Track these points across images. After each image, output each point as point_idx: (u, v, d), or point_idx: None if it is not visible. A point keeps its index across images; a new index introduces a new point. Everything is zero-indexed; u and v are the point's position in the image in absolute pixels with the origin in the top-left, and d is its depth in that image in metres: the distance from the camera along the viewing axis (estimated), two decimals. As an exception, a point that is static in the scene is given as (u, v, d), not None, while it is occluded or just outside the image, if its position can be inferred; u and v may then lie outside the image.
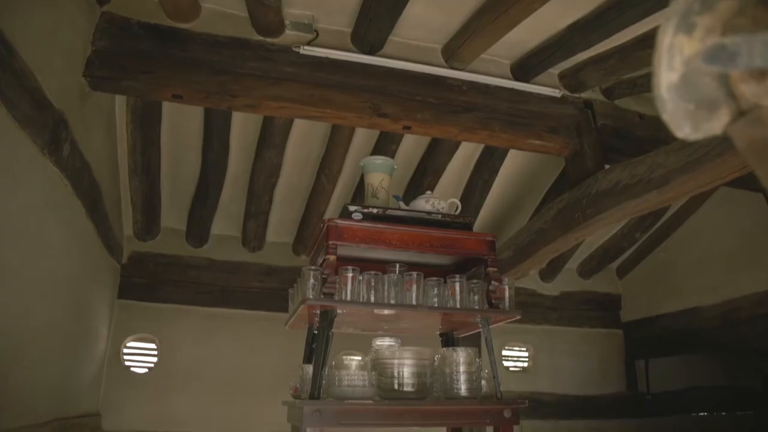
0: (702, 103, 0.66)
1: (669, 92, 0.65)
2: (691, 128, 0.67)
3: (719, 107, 0.67)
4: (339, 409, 2.06)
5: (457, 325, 2.63)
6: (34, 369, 2.99)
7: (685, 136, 0.68)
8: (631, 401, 5.46)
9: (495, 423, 2.26)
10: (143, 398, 4.18)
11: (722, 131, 0.68)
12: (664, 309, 5.31)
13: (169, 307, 4.43)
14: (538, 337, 5.30)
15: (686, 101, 0.66)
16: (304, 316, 2.38)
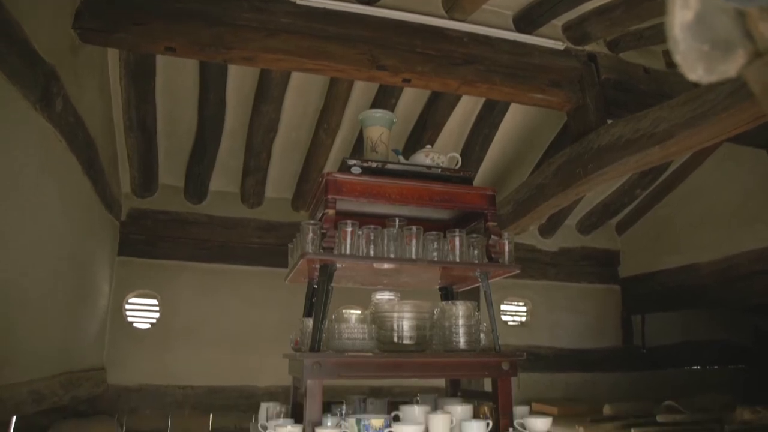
0: (717, 44, 0.63)
1: (683, 32, 0.62)
2: (704, 70, 0.64)
3: (735, 48, 0.64)
4: (339, 361, 2.09)
5: (456, 279, 2.64)
6: (38, 324, 3.03)
7: (699, 79, 0.65)
8: (627, 355, 5.56)
9: (493, 375, 2.30)
10: (146, 352, 4.25)
11: (737, 74, 0.65)
12: (662, 265, 5.35)
13: (170, 264, 4.46)
14: (536, 293, 5.36)
15: (701, 42, 0.62)
16: (304, 271, 2.38)
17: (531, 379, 4.81)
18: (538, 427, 2.25)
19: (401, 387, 4.29)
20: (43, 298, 3.03)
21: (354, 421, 2.05)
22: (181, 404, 4.19)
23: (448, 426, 2.11)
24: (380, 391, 3.27)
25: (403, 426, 2.05)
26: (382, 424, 2.05)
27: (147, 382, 4.18)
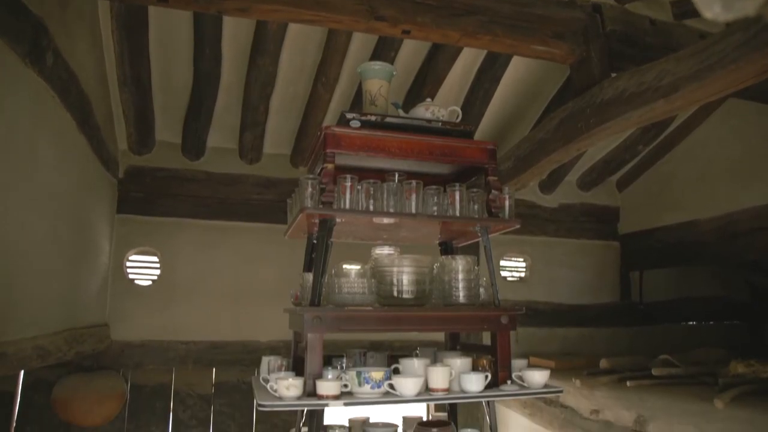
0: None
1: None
2: (722, 7, 0.61)
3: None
4: (339, 315, 2.10)
5: (456, 234, 2.63)
6: (40, 281, 3.04)
7: (715, 17, 0.62)
8: (624, 310, 5.62)
9: (492, 329, 2.32)
10: (148, 309, 4.29)
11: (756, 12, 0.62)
12: (661, 222, 5.35)
13: (169, 221, 4.45)
14: (535, 249, 5.37)
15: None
16: (303, 226, 2.37)
17: (529, 334, 4.88)
18: (536, 379, 2.29)
19: (401, 341, 4.36)
20: (43, 255, 3.03)
21: (354, 374, 2.07)
22: (184, 359, 4.25)
23: (447, 378, 2.14)
24: (380, 345, 3.32)
25: (403, 378, 2.08)
26: (382, 376, 2.08)
27: (150, 338, 4.23)
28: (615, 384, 3.78)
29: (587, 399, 3.56)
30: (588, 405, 3.52)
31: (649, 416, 3.13)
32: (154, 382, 4.25)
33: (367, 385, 2.06)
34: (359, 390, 2.07)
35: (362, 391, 2.06)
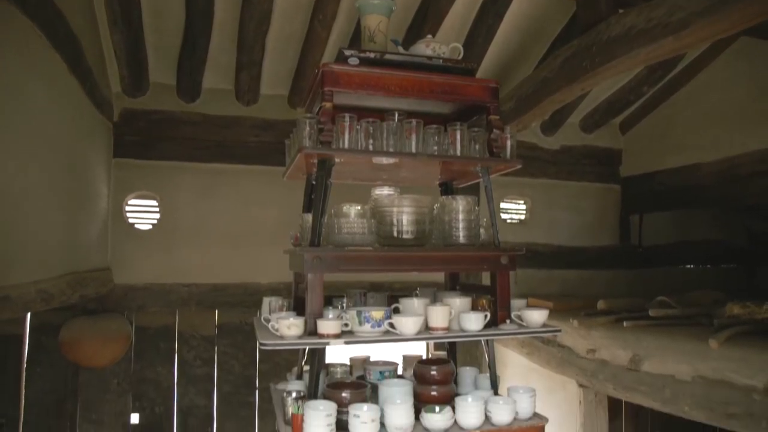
0: None
1: None
2: None
3: None
4: (339, 255, 2.10)
5: (456, 174, 2.60)
6: (39, 226, 3.04)
7: None
8: (623, 253, 5.65)
9: (492, 269, 2.32)
10: (149, 253, 4.30)
11: None
12: (663, 165, 5.31)
13: (167, 164, 4.40)
14: (536, 191, 5.35)
15: None
16: (302, 166, 2.34)
17: (528, 276, 4.92)
18: (534, 319, 2.31)
19: (401, 282, 4.40)
20: (40, 200, 3.02)
21: (355, 313, 2.09)
22: (186, 301, 4.31)
23: (447, 317, 2.16)
24: (380, 286, 3.34)
25: (403, 317, 2.09)
26: (382, 315, 2.10)
27: (152, 281, 4.27)
28: (612, 325, 3.83)
29: (584, 339, 3.62)
30: (585, 345, 3.58)
31: (644, 355, 3.20)
32: (158, 324, 4.32)
33: (368, 324, 2.08)
34: (360, 329, 2.09)
35: (362, 330, 2.08)
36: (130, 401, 4.23)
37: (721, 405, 2.69)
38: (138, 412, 4.25)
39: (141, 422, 4.26)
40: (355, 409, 1.98)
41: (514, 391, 2.26)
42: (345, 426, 2.00)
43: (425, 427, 2.07)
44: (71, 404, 4.09)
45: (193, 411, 4.36)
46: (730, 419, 2.66)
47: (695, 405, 2.83)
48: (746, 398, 2.57)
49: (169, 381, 4.32)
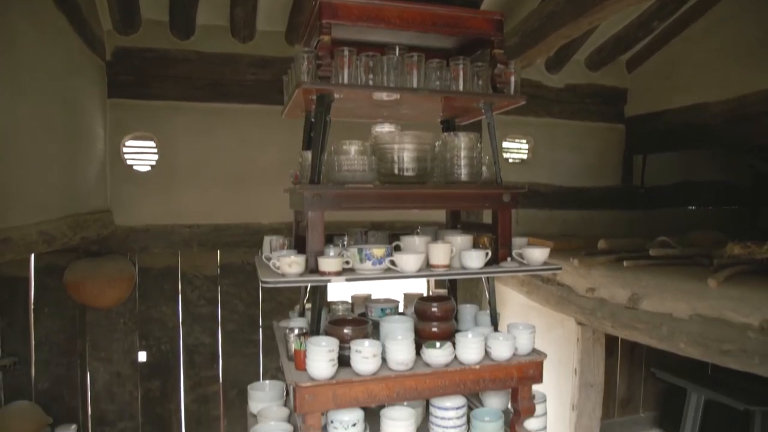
0: None
1: None
2: None
3: None
4: (339, 193, 2.07)
5: (459, 110, 2.54)
6: (36, 168, 3.02)
7: None
8: (625, 194, 5.63)
9: (494, 207, 2.30)
10: (149, 194, 4.28)
11: None
12: (670, 104, 5.20)
13: (162, 104, 4.31)
14: (538, 130, 5.26)
15: None
16: (300, 102, 2.28)
17: (529, 216, 4.92)
18: (535, 257, 2.31)
19: (402, 222, 4.40)
20: (36, 142, 2.98)
21: (356, 251, 2.09)
22: (188, 242, 4.32)
23: (448, 255, 2.16)
24: (381, 226, 3.33)
25: (404, 255, 2.09)
26: (384, 253, 2.09)
27: (153, 223, 4.27)
28: (612, 264, 3.86)
29: (584, 278, 3.65)
30: (584, 283, 3.61)
31: (642, 294, 3.22)
32: (161, 264, 4.35)
33: (369, 261, 2.08)
34: (361, 266, 2.09)
35: (364, 268, 2.09)
36: (137, 340, 4.33)
37: (716, 342, 2.73)
38: (145, 350, 4.35)
39: (148, 360, 4.36)
40: (356, 344, 2.01)
41: (513, 328, 2.29)
42: (347, 361, 2.04)
43: (426, 362, 2.11)
44: (80, 343, 4.18)
45: (198, 349, 4.46)
46: (724, 356, 2.71)
47: (691, 342, 2.87)
48: (741, 336, 2.60)
49: (174, 320, 4.39)
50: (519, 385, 2.22)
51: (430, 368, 2.08)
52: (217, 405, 4.55)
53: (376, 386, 2.01)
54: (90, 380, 4.26)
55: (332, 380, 1.96)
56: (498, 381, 2.17)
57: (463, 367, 2.11)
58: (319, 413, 1.97)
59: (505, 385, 2.20)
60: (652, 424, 5.24)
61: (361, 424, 2.08)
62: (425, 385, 2.07)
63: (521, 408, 2.25)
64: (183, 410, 4.51)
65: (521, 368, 2.20)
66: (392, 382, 2.02)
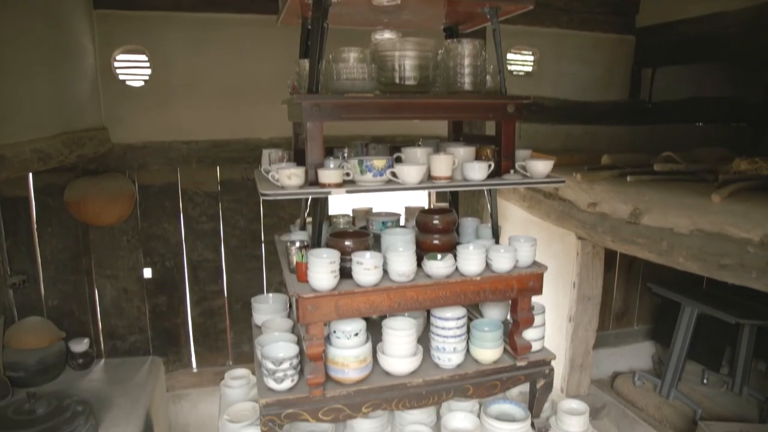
0: None
1: None
2: None
3: None
4: (338, 102, 2.01)
5: (462, 16, 2.42)
6: (23, 84, 2.93)
7: None
8: (632, 109, 5.49)
9: (497, 118, 2.24)
10: (145, 110, 4.17)
11: None
12: (685, 14, 4.94)
13: (152, 15, 4.09)
14: (545, 41, 5.04)
15: None
16: (296, 8, 2.17)
17: (532, 130, 4.82)
18: (539, 169, 2.27)
19: (403, 136, 4.32)
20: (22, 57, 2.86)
21: (356, 162, 2.05)
22: (187, 159, 4.26)
23: (450, 166, 2.12)
24: (382, 140, 3.25)
25: (405, 166, 2.05)
26: (384, 164, 2.05)
27: (150, 139, 4.19)
28: (615, 179, 3.82)
29: (586, 192, 3.62)
30: (586, 198, 3.60)
31: (644, 209, 3.21)
32: (161, 182, 4.31)
33: (369, 173, 2.05)
34: (361, 178, 2.06)
35: (364, 180, 2.06)
36: (141, 257, 4.37)
37: (715, 257, 2.74)
38: (150, 267, 4.41)
39: (154, 276, 4.43)
40: (357, 256, 2.02)
41: (515, 240, 2.29)
42: (348, 273, 2.05)
43: (427, 274, 2.12)
44: (86, 261, 4.23)
45: (202, 264, 4.52)
46: (722, 270, 2.73)
47: (690, 257, 2.89)
48: (741, 250, 2.61)
49: (176, 237, 4.42)
50: (519, 297, 2.25)
51: (431, 279, 2.10)
52: (223, 318, 4.68)
53: (377, 297, 2.03)
54: (98, 296, 4.35)
55: (334, 291, 1.98)
56: (498, 292, 2.20)
57: (464, 279, 2.13)
58: (321, 323, 2.01)
59: (505, 297, 2.23)
60: (645, 337, 5.40)
61: (363, 334, 2.13)
62: (426, 296, 2.09)
63: (520, 319, 2.29)
64: (190, 324, 4.63)
65: (521, 280, 2.22)
66: (393, 293, 2.05)
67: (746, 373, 4.47)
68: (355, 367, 2.08)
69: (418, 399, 2.19)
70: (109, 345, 4.45)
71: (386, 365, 2.17)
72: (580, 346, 4.09)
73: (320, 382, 2.06)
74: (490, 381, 2.28)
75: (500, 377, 2.30)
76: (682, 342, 4.47)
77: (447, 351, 2.21)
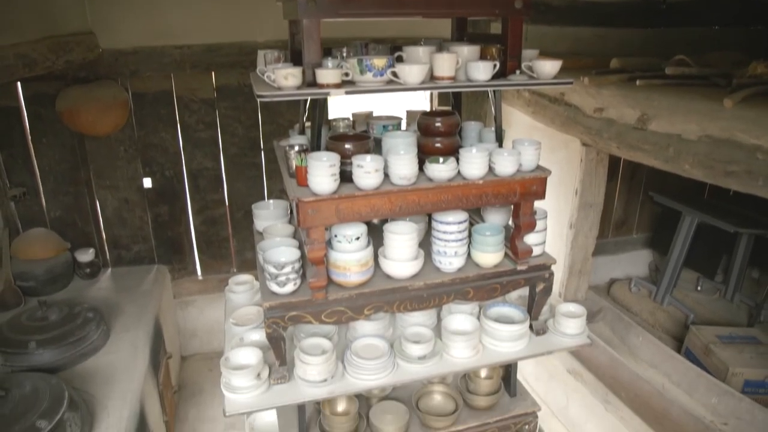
0: None
1: None
2: None
3: None
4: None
5: None
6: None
7: None
8: (644, 9, 5.19)
9: (504, 14, 2.12)
10: (132, 13, 3.95)
11: None
12: None
13: None
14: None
15: None
16: None
17: (539, 33, 4.58)
18: (546, 69, 2.18)
19: (404, 38, 4.10)
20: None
21: (355, 62, 1.96)
22: (180, 64, 4.10)
23: (453, 66, 2.03)
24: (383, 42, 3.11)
25: (407, 65, 1.96)
26: (385, 63, 1.97)
27: (141, 44, 4.00)
28: (624, 83, 3.69)
29: (593, 97, 3.52)
30: (593, 103, 3.49)
31: (652, 114, 3.12)
32: (155, 89, 4.18)
33: (370, 73, 1.96)
34: (361, 78, 1.98)
35: (364, 80, 1.98)
36: (140, 166, 4.32)
37: (722, 163, 2.69)
38: (149, 177, 4.37)
39: (154, 186, 4.40)
40: (358, 159, 1.98)
41: (519, 143, 2.24)
42: (349, 177, 2.02)
43: (428, 177, 2.09)
44: (84, 172, 4.19)
45: (202, 173, 4.48)
46: (728, 177, 2.69)
47: (696, 163, 2.83)
48: (749, 157, 2.55)
49: (174, 146, 4.34)
50: (521, 201, 2.22)
51: (432, 183, 2.07)
52: (225, 227, 4.71)
53: (378, 201, 2.01)
54: (100, 207, 4.35)
55: (334, 195, 1.96)
56: (501, 196, 2.17)
57: (466, 182, 2.10)
58: (322, 227, 2.00)
59: (508, 201, 2.21)
60: (644, 245, 5.46)
61: (364, 238, 2.13)
62: (427, 200, 2.07)
63: (522, 223, 2.28)
64: (193, 232, 4.67)
65: (524, 184, 2.19)
66: (395, 197, 2.02)
67: (740, 281, 4.56)
68: (356, 270, 2.10)
69: (419, 301, 2.23)
70: (114, 255, 4.51)
71: (388, 269, 2.18)
72: (579, 252, 4.13)
73: (322, 286, 2.08)
74: (490, 284, 2.31)
75: (500, 281, 2.33)
76: (680, 250, 4.52)
77: (448, 255, 2.22)
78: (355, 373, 2.20)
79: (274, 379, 2.20)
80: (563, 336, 2.49)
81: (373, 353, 2.26)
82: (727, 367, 3.59)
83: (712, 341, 3.82)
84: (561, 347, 2.48)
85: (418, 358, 2.28)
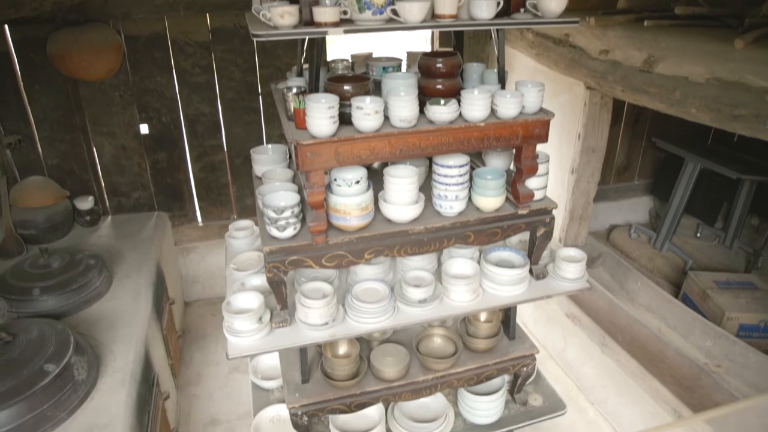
0: None
1: None
2: None
3: None
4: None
5: None
6: None
7: None
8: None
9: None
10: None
11: None
12: None
13: None
14: None
15: None
16: None
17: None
18: (551, 7, 2.12)
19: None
20: None
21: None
22: (173, 5, 3.95)
23: (455, 3, 1.98)
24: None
25: (407, 2, 1.89)
26: (385, 1, 1.89)
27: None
28: (631, 24, 3.58)
29: (598, 39, 3.42)
30: (598, 45, 3.40)
31: (659, 56, 3.04)
32: (148, 32, 4.05)
33: (369, 11, 1.89)
34: (360, 17, 1.91)
35: (363, 18, 1.91)
36: (137, 112, 4.24)
37: (729, 107, 2.64)
38: (146, 123, 4.30)
39: (151, 132, 4.33)
40: (357, 101, 1.93)
41: (521, 85, 2.18)
42: (348, 119, 1.98)
43: (429, 119, 2.05)
44: (79, 118, 4.12)
45: (199, 119, 4.40)
46: (735, 120, 2.64)
47: (703, 107, 2.78)
48: (757, 100, 2.50)
49: (170, 91, 4.25)
50: (523, 144, 2.19)
51: (433, 125, 2.03)
52: (224, 173, 4.68)
53: (378, 143, 1.97)
54: (97, 154, 4.30)
55: (334, 138, 1.92)
56: (503, 139, 2.14)
57: (468, 125, 2.06)
58: (321, 171, 1.98)
59: (510, 144, 2.17)
60: (645, 192, 5.44)
61: (364, 182, 2.10)
62: (428, 143, 2.04)
63: (524, 167, 2.25)
64: (192, 179, 4.64)
65: (527, 127, 2.14)
66: (395, 139, 1.99)
67: (739, 227, 4.57)
68: (357, 214, 2.08)
69: (420, 245, 2.23)
70: (114, 202, 4.50)
71: (388, 213, 2.17)
72: (580, 198, 4.12)
73: (322, 230, 2.08)
74: (491, 228, 2.30)
75: (501, 225, 2.32)
76: (681, 196, 4.50)
77: (449, 199, 2.21)
78: (355, 316, 2.22)
79: (276, 322, 2.22)
80: (563, 280, 2.50)
81: (373, 297, 2.27)
82: (723, 312, 3.65)
83: (710, 286, 3.86)
84: (560, 291, 2.50)
85: (419, 301, 2.29)
